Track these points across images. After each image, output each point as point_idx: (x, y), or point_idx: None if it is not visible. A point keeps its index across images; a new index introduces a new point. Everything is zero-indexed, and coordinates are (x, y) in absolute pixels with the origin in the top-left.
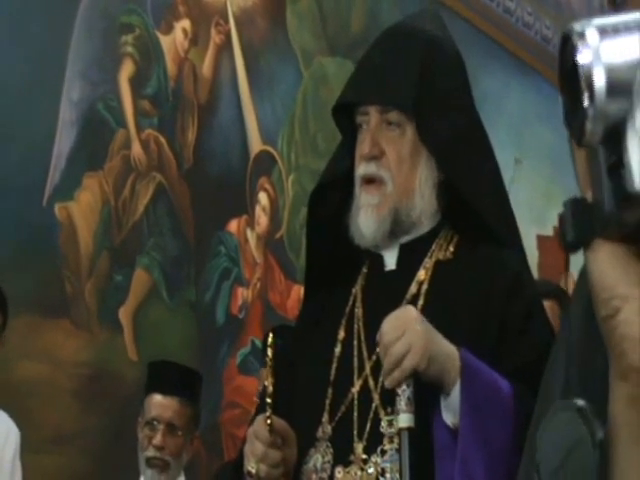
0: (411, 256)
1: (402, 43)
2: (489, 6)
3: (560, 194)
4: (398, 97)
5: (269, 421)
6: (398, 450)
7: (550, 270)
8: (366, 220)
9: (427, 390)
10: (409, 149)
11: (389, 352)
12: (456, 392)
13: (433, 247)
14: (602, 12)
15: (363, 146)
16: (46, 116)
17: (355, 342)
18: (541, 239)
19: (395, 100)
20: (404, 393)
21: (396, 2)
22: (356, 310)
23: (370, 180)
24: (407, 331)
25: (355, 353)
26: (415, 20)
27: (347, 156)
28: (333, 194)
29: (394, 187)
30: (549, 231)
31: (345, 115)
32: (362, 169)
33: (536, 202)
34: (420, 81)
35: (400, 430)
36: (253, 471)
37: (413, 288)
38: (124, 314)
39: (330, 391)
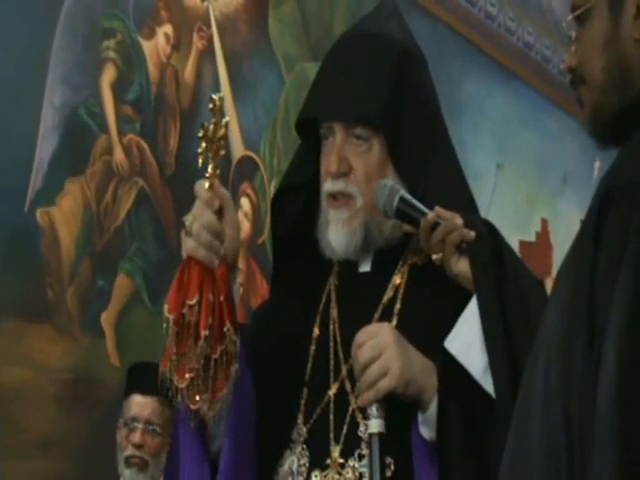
0: (385, 260)
1: (366, 52)
2: (470, 11)
3: (542, 200)
4: (365, 114)
5: (208, 181)
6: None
7: None
8: (336, 235)
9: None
10: (376, 163)
11: (366, 372)
12: (433, 409)
13: (407, 252)
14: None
15: (330, 163)
16: (28, 121)
17: (331, 343)
18: (524, 245)
19: (362, 117)
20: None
21: None
22: (331, 310)
23: (338, 196)
24: (385, 352)
25: (331, 355)
26: (375, 22)
27: (310, 163)
28: (296, 196)
29: (364, 202)
30: (532, 237)
31: (307, 124)
32: (329, 186)
33: (518, 208)
34: (389, 95)
35: (370, 435)
36: (187, 223)
37: (390, 292)
38: (106, 319)
39: (305, 391)
